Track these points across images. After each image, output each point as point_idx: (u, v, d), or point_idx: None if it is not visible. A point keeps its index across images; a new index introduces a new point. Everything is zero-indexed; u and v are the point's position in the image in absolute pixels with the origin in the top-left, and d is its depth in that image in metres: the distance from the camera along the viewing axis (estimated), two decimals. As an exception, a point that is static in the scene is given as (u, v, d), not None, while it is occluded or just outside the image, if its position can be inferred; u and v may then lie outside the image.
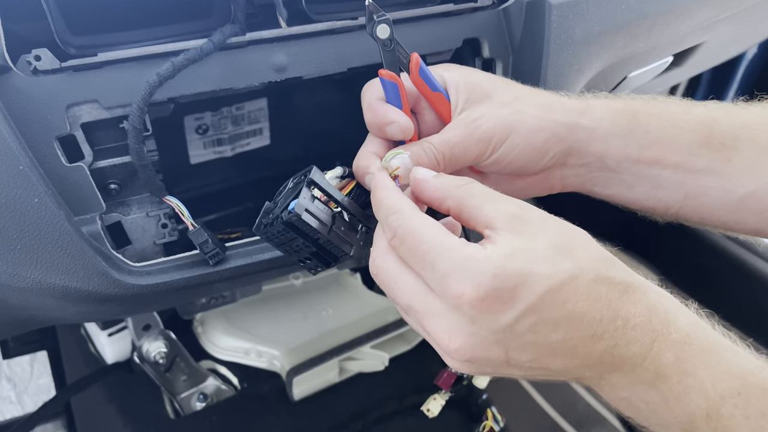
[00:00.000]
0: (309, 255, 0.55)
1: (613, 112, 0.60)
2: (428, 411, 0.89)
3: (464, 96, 0.58)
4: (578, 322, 0.44)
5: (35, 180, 0.52)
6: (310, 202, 0.52)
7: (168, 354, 1.11)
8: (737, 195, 0.58)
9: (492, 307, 0.43)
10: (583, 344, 0.44)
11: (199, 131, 0.86)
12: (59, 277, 0.56)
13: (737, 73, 1.75)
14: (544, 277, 0.43)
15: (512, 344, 0.44)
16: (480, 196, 0.48)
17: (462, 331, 0.44)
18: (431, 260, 0.45)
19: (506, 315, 0.43)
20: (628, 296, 0.45)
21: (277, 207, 0.53)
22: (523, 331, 0.43)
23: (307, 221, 0.51)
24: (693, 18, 0.85)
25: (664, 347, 0.45)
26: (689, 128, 0.59)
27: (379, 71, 0.55)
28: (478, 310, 0.43)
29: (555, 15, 0.69)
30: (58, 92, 0.55)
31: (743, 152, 0.57)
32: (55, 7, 0.53)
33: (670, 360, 0.45)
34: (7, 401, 1.45)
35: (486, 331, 0.44)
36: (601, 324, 0.44)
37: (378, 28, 0.54)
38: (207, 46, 0.57)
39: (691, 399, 0.44)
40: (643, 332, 0.45)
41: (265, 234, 0.54)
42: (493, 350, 0.44)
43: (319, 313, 1.21)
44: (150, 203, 0.65)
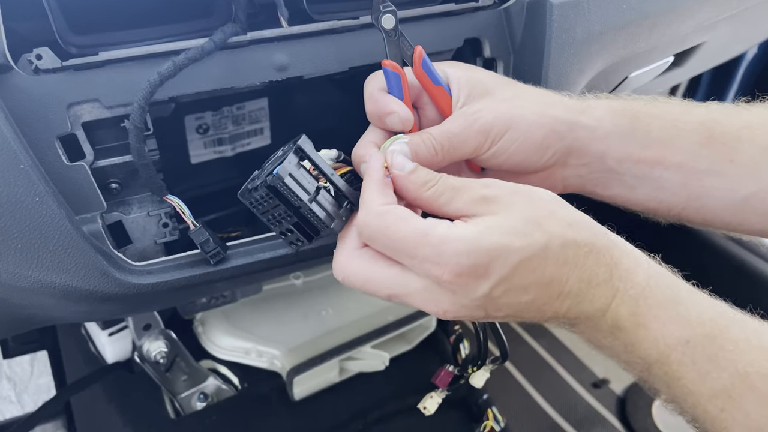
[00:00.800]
0: (291, 226, 0.54)
1: (614, 112, 0.59)
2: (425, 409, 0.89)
3: (466, 91, 0.58)
4: (546, 285, 0.48)
5: (36, 179, 0.52)
6: (295, 168, 0.51)
7: (168, 354, 1.11)
8: (740, 196, 0.58)
9: (469, 282, 0.47)
10: (551, 302, 0.49)
11: (200, 131, 0.86)
12: (60, 276, 0.56)
13: (737, 74, 1.75)
14: (517, 250, 0.47)
15: (489, 306, 0.49)
16: (447, 194, 0.50)
17: (446, 300, 0.49)
18: (407, 251, 0.48)
19: (482, 286, 0.47)
20: (593, 257, 0.49)
21: (263, 172, 0.53)
22: (497, 295, 0.48)
23: (290, 186, 0.51)
24: (694, 18, 0.85)
25: (620, 302, 0.49)
26: (690, 129, 0.59)
27: (383, 61, 0.56)
28: (457, 285, 0.47)
29: (556, 15, 0.69)
30: (59, 91, 0.55)
31: (745, 153, 0.57)
32: (56, 6, 0.53)
33: (624, 314, 0.49)
34: (7, 401, 1.45)
35: (466, 299, 0.48)
36: (567, 284, 0.49)
37: (384, 18, 0.54)
38: (208, 46, 0.57)
39: (644, 348, 0.49)
40: (604, 290, 0.49)
41: (249, 200, 0.54)
42: (474, 311, 0.49)
43: (319, 312, 1.21)
44: (151, 202, 0.65)
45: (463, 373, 0.94)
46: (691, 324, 0.48)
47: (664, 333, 0.48)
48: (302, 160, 0.52)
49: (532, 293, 0.48)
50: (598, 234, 0.51)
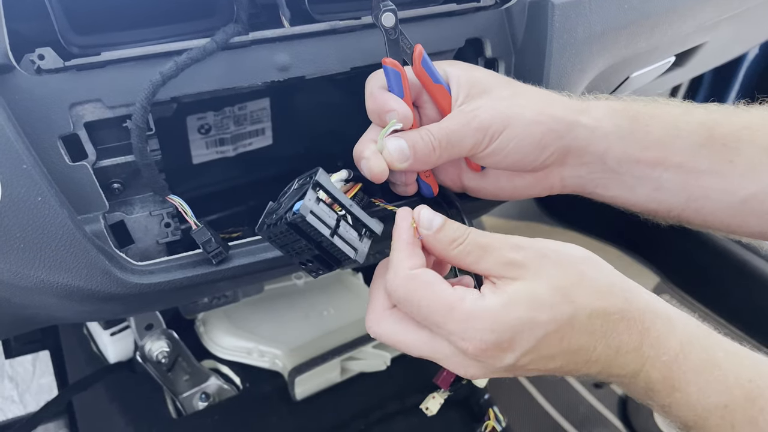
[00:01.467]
0: (311, 258, 0.55)
1: (614, 112, 0.60)
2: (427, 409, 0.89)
3: (465, 90, 0.59)
4: (574, 353, 0.49)
5: (38, 179, 0.52)
6: (315, 204, 0.51)
7: (170, 353, 1.11)
8: (739, 197, 0.58)
9: (494, 354, 0.48)
10: (579, 368, 0.50)
11: (202, 131, 0.86)
12: (62, 276, 0.56)
13: (738, 74, 1.75)
14: (542, 324, 0.48)
15: (518, 371, 0.51)
16: (474, 253, 0.51)
17: (474, 367, 0.51)
18: (434, 322, 0.49)
19: (508, 358, 0.48)
20: (624, 324, 0.49)
21: (281, 207, 0.53)
22: (523, 364, 0.49)
23: (312, 223, 0.51)
24: (695, 18, 0.85)
25: (652, 368, 0.49)
26: (690, 129, 0.59)
27: (383, 59, 0.56)
28: (483, 358, 0.48)
29: (557, 15, 0.69)
30: (61, 91, 0.55)
31: (745, 154, 0.57)
32: (58, 7, 0.54)
33: (658, 378, 0.49)
34: (9, 400, 1.45)
35: (493, 368, 0.50)
36: (594, 352, 0.49)
37: (383, 16, 0.54)
38: (210, 46, 0.57)
39: (680, 411, 0.49)
40: (634, 357, 0.49)
41: (268, 234, 0.54)
42: (503, 374, 0.51)
43: (321, 312, 1.21)
44: (153, 202, 0.65)
45: None
46: (729, 388, 0.48)
47: (700, 397, 0.48)
48: (318, 192, 0.53)
49: (559, 361, 0.50)
50: (631, 299, 0.51)
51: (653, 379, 0.49)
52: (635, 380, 0.50)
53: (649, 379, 0.50)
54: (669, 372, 0.49)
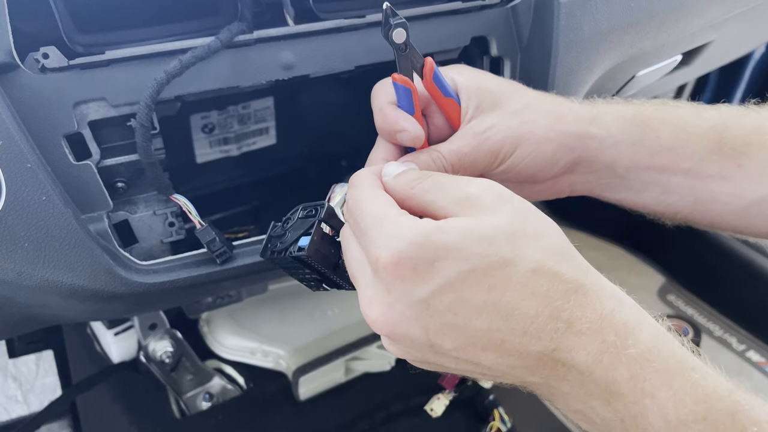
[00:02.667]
0: (313, 281, 0.55)
1: (624, 119, 0.59)
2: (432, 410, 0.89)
3: (475, 102, 0.57)
4: (506, 314, 0.41)
5: (43, 178, 0.52)
6: (320, 240, 0.51)
7: (174, 353, 1.11)
8: (747, 200, 0.58)
9: (406, 275, 0.41)
10: (514, 340, 0.41)
11: (206, 130, 0.86)
12: (66, 275, 0.56)
13: (745, 73, 1.74)
14: (471, 256, 0.41)
15: (431, 323, 0.42)
16: (434, 190, 0.46)
17: (380, 301, 0.43)
18: (365, 227, 0.45)
19: (421, 288, 0.41)
20: (577, 298, 0.41)
21: (287, 237, 0.53)
22: (440, 309, 0.41)
23: (317, 260, 0.51)
24: (702, 16, 0.85)
25: (616, 361, 0.41)
26: (700, 134, 0.58)
27: (393, 75, 0.55)
28: (392, 276, 0.41)
29: (563, 13, 0.68)
30: (65, 90, 0.55)
31: (754, 158, 0.57)
32: (62, 5, 0.53)
33: (624, 376, 0.41)
34: (13, 400, 1.46)
35: (402, 303, 0.42)
36: (536, 321, 0.41)
37: (394, 32, 0.52)
38: (214, 44, 0.57)
39: (649, 422, 0.40)
40: (590, 341, 0.41)
41: (272, 260, 0.54)
42: (411, 328, 0.42)
43: (325, 312, 1.21)
44: (157, 202, 0.65)
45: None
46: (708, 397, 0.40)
47: (676, 405, 0.40)
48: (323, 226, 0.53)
49: (486, 319, 0.41)
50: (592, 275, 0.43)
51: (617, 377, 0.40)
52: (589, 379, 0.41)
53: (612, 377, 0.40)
54: (639, 369, 0.40)
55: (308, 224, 0.52)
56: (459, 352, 0.43)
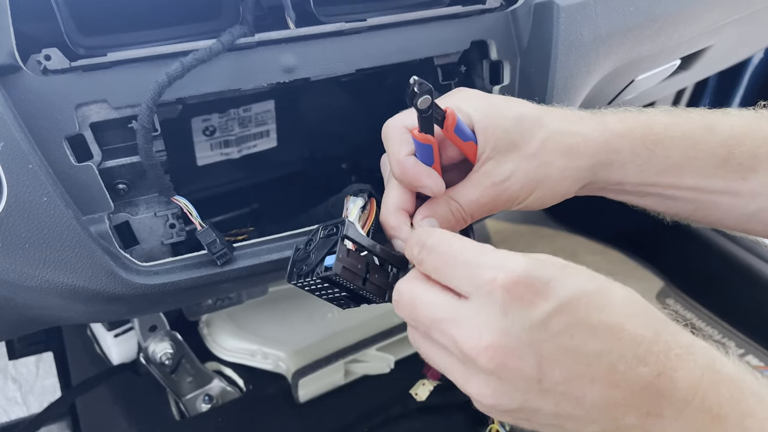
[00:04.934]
0: (342, 299, 0.55)
1: (634, 141, 0.58)
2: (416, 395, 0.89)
3: (492, 143, 0.56)
4: (618, 333, 0.41)
5: (44, 179, 0.52)
6: (345, 257, 0.51)
7: (174, 355, 1.11)
8: (750, 210, 0.59)
9: (525, 295, 0.40)
10: (625, 364, 0.40)
11: (207, 133, 0.87)
12: (67, 276, 0.56)
13: (743, 79, 1.74)
14: (579, 280, 0.42)
15: (546, 349, 0.40)
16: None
17: (494, 327, 0.41)
18: (464, 258, 0.44)
19: (540, 307, 0.40)
20: (668, 324, 0.43)
21: (311, 259, 0.53)
22: (557, 330, 0.40)
23: (345, 276, 0.51)
24: (701, 21, 0.85)
25: (716, 381, 0.41)
26: (710, 151, 0.58)
27: (413, 132, 0.54)
28: (512, 297, 0.40)
29: (563, 17, 0.69)
30: (67, 92, 0.55)
31: (759, 170, 0.57)
32: (64, 8, 0.54)
33: (725, 397, 0.40)
34: (12, 402, 1.46)
35: (519, 326, 0.40)
36: (643, 343, 0.40)
37: (420, 100, 0.51)
38: (216, 47, 0.57)
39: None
40: (688, 362, 0.41)
41: (299, 283, 0.54)
42: (525, 354, 0.41)
43: (324, 314, 1.21)
44: (158, 203, 0.65)
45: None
46: None
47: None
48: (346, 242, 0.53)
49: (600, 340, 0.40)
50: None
51: (719, 399, 0.40)
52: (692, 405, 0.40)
53: (713, 401, 0.40)
54: (736, 389, 0.41)
55: (331, 243, 0.52)
56: (567, 385, 0.41)
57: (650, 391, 0.40)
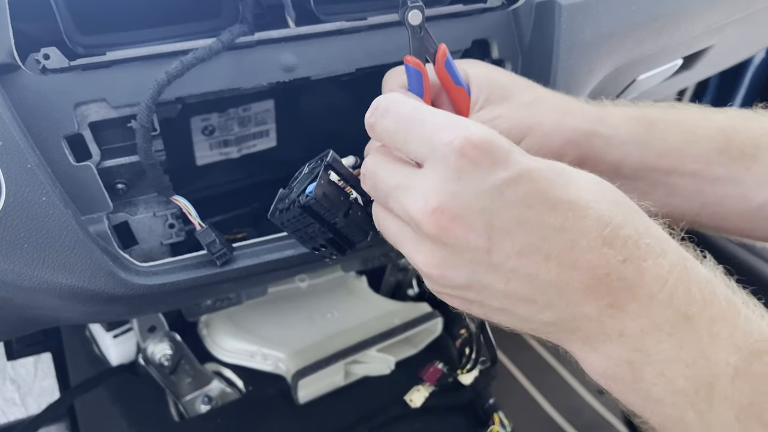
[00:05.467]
0: (324, 242, 0.54)
1: (631, 120, 0.59)
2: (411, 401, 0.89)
3: (485, 94, 0.58)
4: (582, 211, 0.37)
5: (43, 179, 0.52)
6: (327, 185, 0.50)
7: (173, 356, 1.10)
8: (755, 203, 0.58)
9: (482, 161, 0.38)
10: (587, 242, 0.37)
11: (206, 132, 0.86)
12: (66, 277, 0.55)
13: (745, 78, 1.74)
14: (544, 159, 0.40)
15: (498, 217, 0.37)
16: None
17: (444, 191, 0.38)
18: (421, 117, 0.41)
19: (496, 174, 0.37)
20: (643, 216, 0.40)
21: (293, 192, 0.53)
22: (512, 199, 0.37)
23: (325, 204, 0.50)
24: (702, 20, 0.85)
25: (687, 279, 0.38)
26: (708, 136, 0.58)
27: (405, 58, 0.55)
28: (467, 161, 0.38)
29: (565, 16, 0.68)
30: (66, 91, 0.55)
31: (763, 161, 0.57)
32: (63, 6, 0.53)
33: (696, 298, 0.37)
34: (10, 403, 1.45)
35: (470, 191, 0.38)
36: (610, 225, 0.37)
37: (410, 13, 0.53)
38: (216, 45, 0.57)
39: (719, 350, 0.36)
40: (658, 254, 0.38)
41: (281, 220, 0.53)
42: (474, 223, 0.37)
43: (324, 315, 1.21)
44: (157, 203, 0.65)
45: (452, 372, 0.94)
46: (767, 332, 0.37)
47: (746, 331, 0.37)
48: (330, 174, 0.52)
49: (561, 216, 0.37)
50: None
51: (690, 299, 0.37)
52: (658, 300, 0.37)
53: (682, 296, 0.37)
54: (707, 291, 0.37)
55: (315, 174, 0.51)
56: (519, 259, 0.38)
57: (613, 279, 0.37)
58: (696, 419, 0.37)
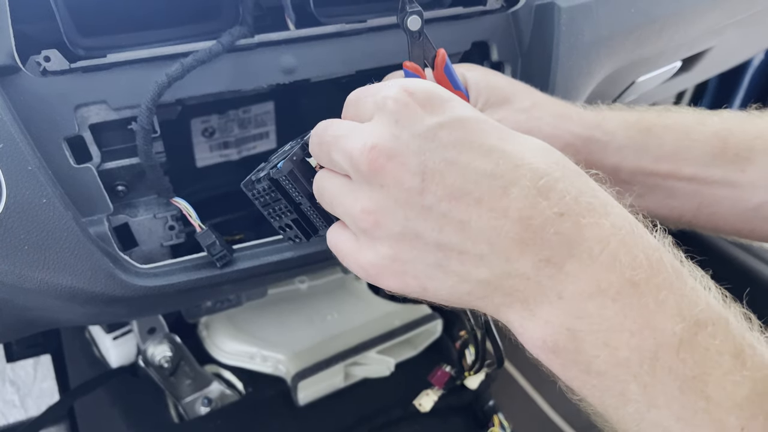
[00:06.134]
0: (290, 222, 0.53)
1: (628, 125, 0.60)
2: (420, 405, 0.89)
3: (484, 98, 0.58)
4: (517, 160, 0.37)
5: (43, 180, 0.52)
6: (300, 163, 0.49)
7: (173, 358, 1.10)
8: (752, 204, 0.58)
9: (420, 107, 0.39)
10: (520, 191, 0.36)
11: (206, 134, 0.86)
12: (66, 278, 0.55)
13: (744, 80, 1.75)
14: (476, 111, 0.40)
15: (431, 158, 0.37)
16: None
17: (382, 133, 0.39)
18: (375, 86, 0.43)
19: (433, 118, 0.38)
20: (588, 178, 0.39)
21: (269, 164, 0.52)
22: (446, 142, 0.38)
23: (293, 181, 0.49)
24: (701, 22, 0.85)
25: (632, 243, 0.36)
26: (704, 140, 0.59)
27: (405, 63, 0.55)
28: (406, 107, 0.39)
29: (564, 18, 0.69)
30: (66, 93, 0.55)
31: (758, 162, 0.57)
32: (64, 9, 0.54)
33: (641, 263, 0.35)
34: (10, 405, 1.45)
35: (407, 133, 0.38)
36: (547, 177, 0.36)
37: (409, 19, 0.53)
38: (215, 48, 0.57)
39: (665, 320, 0.35)
40: (601, 215, 0.36)
41: (251, 191, 0.53)
42: (409, 163, 0.38)
43: (324, 317, 1.21)
44: (157, 205, 0.65)
45: (460, 375, 0.94)
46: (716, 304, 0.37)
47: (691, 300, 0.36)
48: (308, 157, 0.51)
49: (493, 162, 0.37)
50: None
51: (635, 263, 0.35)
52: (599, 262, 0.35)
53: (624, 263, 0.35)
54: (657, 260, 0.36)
55: (290, 152, 0.50)
56: (450, 202, 0.37)
57: (549, 232, 0.36)
58: (638, 393, 0.35)
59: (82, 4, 0.55)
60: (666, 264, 0.36)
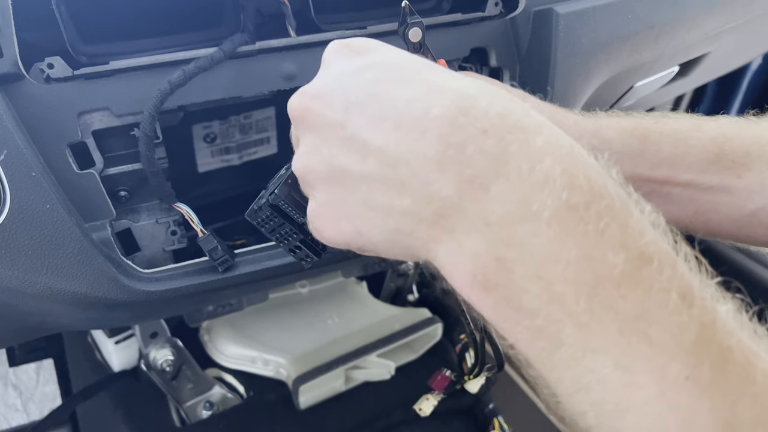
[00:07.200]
0: (298, 243, 0.54)
1: (624, 132, 0.60)
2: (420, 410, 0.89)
3: None
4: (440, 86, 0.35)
5: (47, 186, 0.52)
6: (295, 185, 0.49)
7: (174, 362, 1.11)
8: (748, 210, 0.58)
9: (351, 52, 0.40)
10: (440, 109, 0.34)
11: (207, 140, 0.87)
12: (69, 283, 0.56)
13: (742, 85, 1.75)
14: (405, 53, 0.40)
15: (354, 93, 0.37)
16: None
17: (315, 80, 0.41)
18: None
19: (360, 60, 0.39)
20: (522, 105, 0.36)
21: (267, 191, 0.53)
22: (369, 77, 0.37)
23: (292, 204, 0.50)
24: (699, 28, 0.86)
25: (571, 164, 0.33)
26: (700, 146, 0.59)
27: None
28: (337, 54, 0.41)
29: (562, 24, 0.69)
30: (70, 100, 0.56)
31: (754, 168, 0.57)
32: (67, 16, 0.54)
33: (581, 186, 0.32)
34: (12, 409, 1.45)
35: (334, 74, 0.39)
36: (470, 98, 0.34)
37: (411, 31, 0.53)
38: (217, 55, 0.58)
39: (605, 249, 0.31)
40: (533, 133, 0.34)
41: (256, 220, 0.53)
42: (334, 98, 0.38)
43: (325, 321, 1.21)
44: (159, 210, 0.65)
45: (460, 379, 0.94)
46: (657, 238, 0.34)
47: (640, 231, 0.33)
48: None
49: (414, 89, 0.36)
50: None
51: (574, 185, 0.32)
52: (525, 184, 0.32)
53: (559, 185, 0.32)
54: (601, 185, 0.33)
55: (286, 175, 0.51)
56: (370, 130, 0.36)
57: (471, 150, 0.33)
58: (573, 335, 0.32)
59: (85, 11, 0.55)
60: (610, 190, 0.33)
